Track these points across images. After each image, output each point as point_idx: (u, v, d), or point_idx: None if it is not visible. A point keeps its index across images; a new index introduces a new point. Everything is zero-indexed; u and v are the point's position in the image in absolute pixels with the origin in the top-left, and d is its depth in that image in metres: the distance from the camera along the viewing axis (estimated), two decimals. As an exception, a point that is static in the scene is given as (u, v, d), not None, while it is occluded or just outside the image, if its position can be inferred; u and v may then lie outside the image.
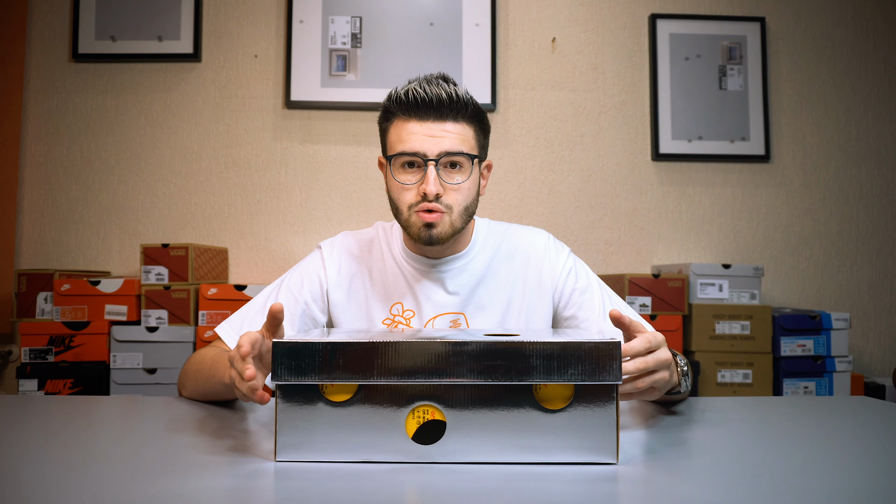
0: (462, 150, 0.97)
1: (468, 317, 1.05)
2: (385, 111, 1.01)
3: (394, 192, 0.99)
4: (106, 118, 2.18)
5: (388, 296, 1.05)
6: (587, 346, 0.65)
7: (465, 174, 0.98)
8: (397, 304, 1.05)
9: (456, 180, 0.97)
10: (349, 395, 0.66)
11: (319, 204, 2.19)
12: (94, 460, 0.68)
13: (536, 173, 2.23)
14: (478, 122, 1.01)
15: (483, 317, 1.05)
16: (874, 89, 2.30)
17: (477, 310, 1.05)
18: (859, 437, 0.81)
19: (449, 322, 1.04)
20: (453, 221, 0.98)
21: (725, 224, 2.27)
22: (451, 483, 0.61)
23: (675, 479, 0.63)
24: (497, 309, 1.05)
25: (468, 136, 0.98)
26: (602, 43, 2.27)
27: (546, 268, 1.07)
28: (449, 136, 0.96)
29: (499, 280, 1.06)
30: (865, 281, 2.27)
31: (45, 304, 1.87)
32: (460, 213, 0.99)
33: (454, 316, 1.04)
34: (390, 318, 1.04)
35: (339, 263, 1.07)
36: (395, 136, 0.98)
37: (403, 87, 0.98)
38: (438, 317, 1.04)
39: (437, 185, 0.95)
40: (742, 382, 1.89)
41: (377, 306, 1.05)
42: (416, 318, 1.04)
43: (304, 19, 2.17)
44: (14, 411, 0.92)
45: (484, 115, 1.02)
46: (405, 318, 1.04)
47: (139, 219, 2.17)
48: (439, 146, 0.95)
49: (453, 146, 0.96)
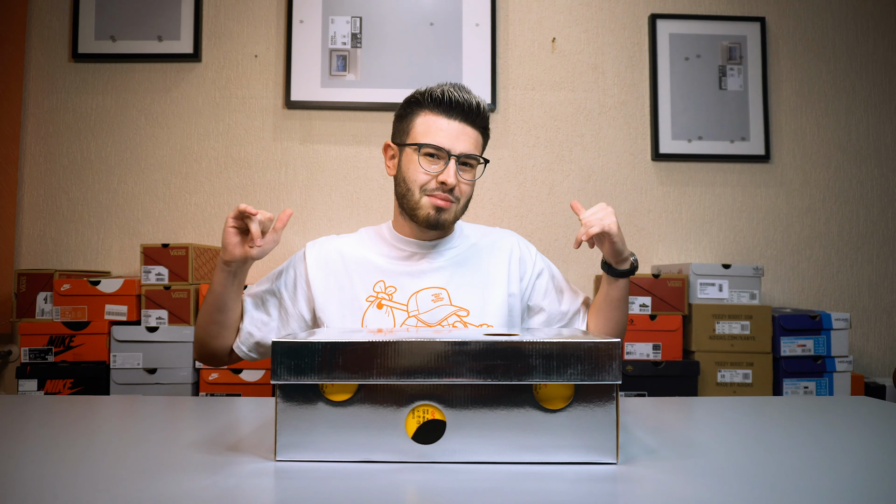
0: (476, 154, 1.12)
1: (450, 292, 1.14)
2: (415, 103, 1.12)
3: (411, 174, 1.10)
4: (106, 118, 2.18)
5: (370, 276, 1.14)
6: (587, 346, 0.65)
7: (474, 174, 1.14)
8: (380, 282, 1.13)
9: (467, 177, 1.13)
10: (349, 395, 0.66)
11: (319, 204, 2.19)
12: (94, 460, 0.68)
13: (536, 173, 2.23)
14: (487, 131, 1.16)
15: (464, 291, 1.14)
16: (874, 89, 2.30)
17: (458, 286, 1.14)
18: (859, 437, 0.81)
19: (431, 295, 1.13)
20: (457, 211, 1.13)
21: (725, 224, 2.27)
22: (451, 483, 0.61)
23: (675, 479, 0.63)
24: (478, 285, 1.15)
25: (479, 142, 1.14)
26: (602, 43, 2.27)
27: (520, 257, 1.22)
28: (469, 139, 1.11)
29: (480, 261, 1.19)
30: (865, 281, 2.27)
31: (44, 304, 1.87)
32: (464, 206, 1.14)
33: (437, 290, 1.13)
34: (374, 295, 1.12)
35: (319, 254, 1.17)
36: (424, 127, 1.10)
37: (437, 86, 1.11)
38: (422, 290, 1.13)
39: (456, 178, 1.09)
40: (742, 382, 1.89)
41: (361, 286, 1.13)
42: (399, 293, 1.13)
43: (304, 19, 2.17)
44: (14, 411, 0.92)
45: (489, 124, 1.17)
46: (388, 293, 1.13)
47: (139, 219, 2.17)
48: (462, 146, 1.09)
49: (470, 149, 1.11)
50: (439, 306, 1.12)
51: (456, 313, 1.12)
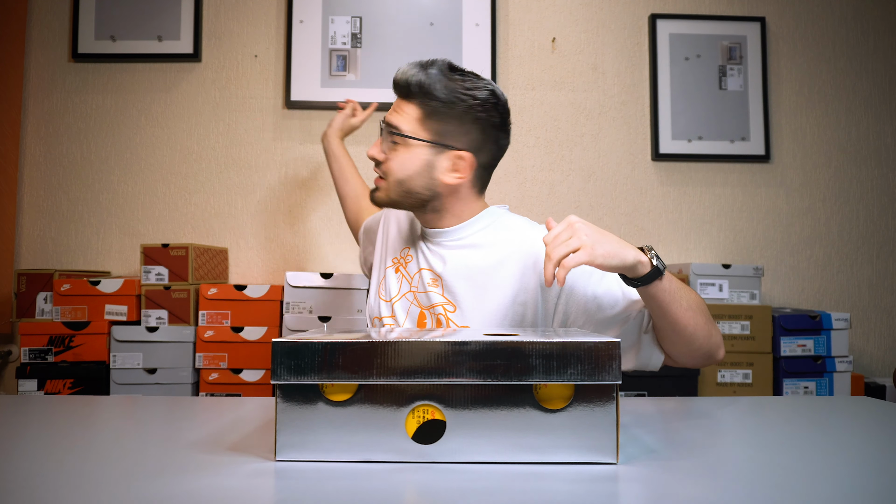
0: (399, 126, 1.05)
1: (445, 281, 1.08)
2: None
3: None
4: (106, 118, 2.18)
5: (404, 240, 1.21)
6: (587, 346, 0.65)
7: (400, 150, 1.06)
8: (405, 248, 1.19)
9: (393, 153, 1.07)
10: (349, 395, 0.66)
11: (319, 204, 2.19)
12: (94, 460, 0.68)
13: (536, 173, 2.23)
14: (426, 105, 1.05)
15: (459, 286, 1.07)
16: (874, 89, 2.30)
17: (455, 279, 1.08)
18: (859, 437, 0.81)
19: (430, 278, 1.11)
20: (389, 190, 1.08)
21: (725, 224, 2.27)
22: (451, 483, 0.61)
23: (675, 479, 0.63)
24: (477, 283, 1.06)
25: (414, 116, 1.06)
26: (602, 43, 2.27)
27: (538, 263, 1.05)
28: (396, 112, 1.07)
29: (491, 258, 1.07)
30: (865, 281, 2.27)
31: (44, 304, 1.87)
32: (395, 184, 1.07)
33: (433, 275, 1.11)
34: (398, 257, 1.19)
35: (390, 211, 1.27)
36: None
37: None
38: (423, 270, 1.13)
39: (375, 151, 1.08)
40: (742, 382, 1.89)
41: (394, 247, 1.21)
42: (412, 263, 1.15)
43: (304, 19, 2.17)
44: (14, 411, 0.92)
45: (434, 99, 1.04)
46: (405, 260, 1.17)
47: (139, 219, 2.17)
48: (389, 118, 1.07)
49: (392, 120, 1.06)
50: (433, 291, 1.09)
51: (444, 306, 1.07)
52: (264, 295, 1.86)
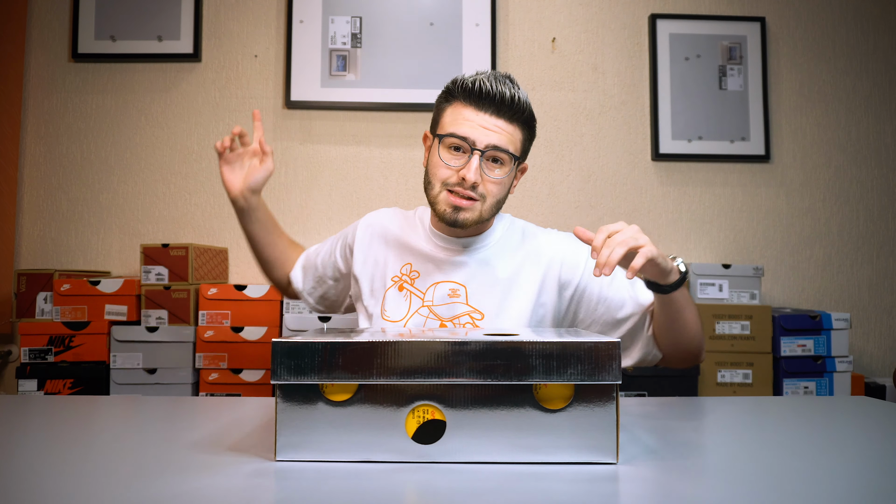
0: (508, 149, 1.02)
1: (469, 290, 1.09)
2: (448, 92, 1.07)
3: (433, 167, 1.06)
4: (106, 118, 2.18)
5: (403, 256, 1.14)
6: (587, 346, 0.65)
7: (505, 171, 1.04)
8: (407, 265, 1.13)
9: (495, 174, 1.04)
10: (349, 395, 0.66)
11: (319, 204, 2.19)
12: (94, 460, 0.68)
13: (536, 173, 2.23)
14: (528, 127, 1.07)
15: (483, 293, 1.08)
16: (874, 89, 2.30)
17: (478, 286, 1.09)
18: (859, 437, 0.81)
19: (449, 290, 1.09)
20: (483, 211, 1.05)
21: (725, 224, 2.27)
22: (451, 483, 0.60)
23: (675, 479, 0.63)
24: (500, 289, 1.08)
25: (517, 137, 1.05)
26: (602, 43, 2.27)
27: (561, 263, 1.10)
28: (499, 133, 1.02)
29: (510, 264, 1.10)
30: (865, 281, 2.27)
31: (44, 304, 1.87)
32: (491, 205, 1.05)
33: (456, 286, 1.09)
34: (399, 276, 1.13)
35: (370, 225, 1.21)
36: (451, 117, 1.04)
37: (471, 76, 1.04)
38: (441, 283, 1.10)
39: (476, 175, 1.01)
40: (742, 382, 1.89)
41: (392, 264, 1.15)
42: (420, 280, 1.11)
43: (304, 19, 2.17)
44: (14, 411, 0.92)
45: (534, 121, 1.08)
46: (411, 277, 1.12)
47: (139, 219, 2.17)
48: (488, 139, 1.01)
49: (501, 143, 1.02)
50: (455, 303, 1.08)
51: (470, 314, 1.08)
52: (264, 295, 1.86)
